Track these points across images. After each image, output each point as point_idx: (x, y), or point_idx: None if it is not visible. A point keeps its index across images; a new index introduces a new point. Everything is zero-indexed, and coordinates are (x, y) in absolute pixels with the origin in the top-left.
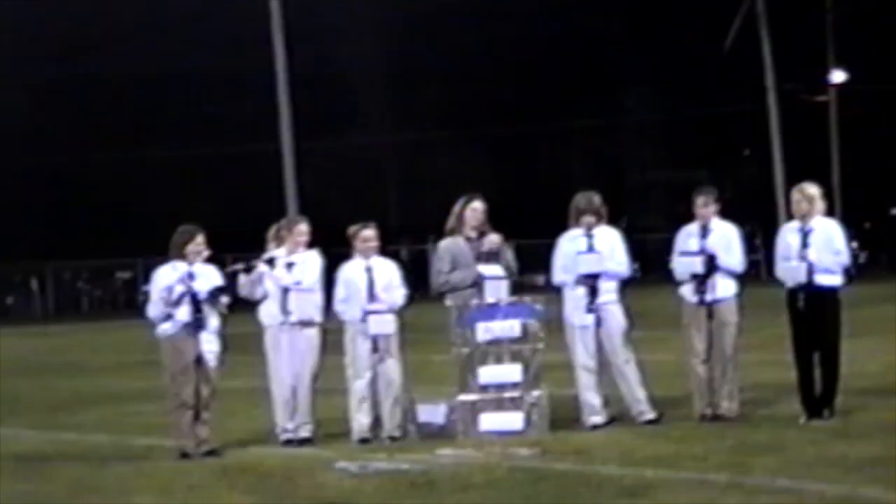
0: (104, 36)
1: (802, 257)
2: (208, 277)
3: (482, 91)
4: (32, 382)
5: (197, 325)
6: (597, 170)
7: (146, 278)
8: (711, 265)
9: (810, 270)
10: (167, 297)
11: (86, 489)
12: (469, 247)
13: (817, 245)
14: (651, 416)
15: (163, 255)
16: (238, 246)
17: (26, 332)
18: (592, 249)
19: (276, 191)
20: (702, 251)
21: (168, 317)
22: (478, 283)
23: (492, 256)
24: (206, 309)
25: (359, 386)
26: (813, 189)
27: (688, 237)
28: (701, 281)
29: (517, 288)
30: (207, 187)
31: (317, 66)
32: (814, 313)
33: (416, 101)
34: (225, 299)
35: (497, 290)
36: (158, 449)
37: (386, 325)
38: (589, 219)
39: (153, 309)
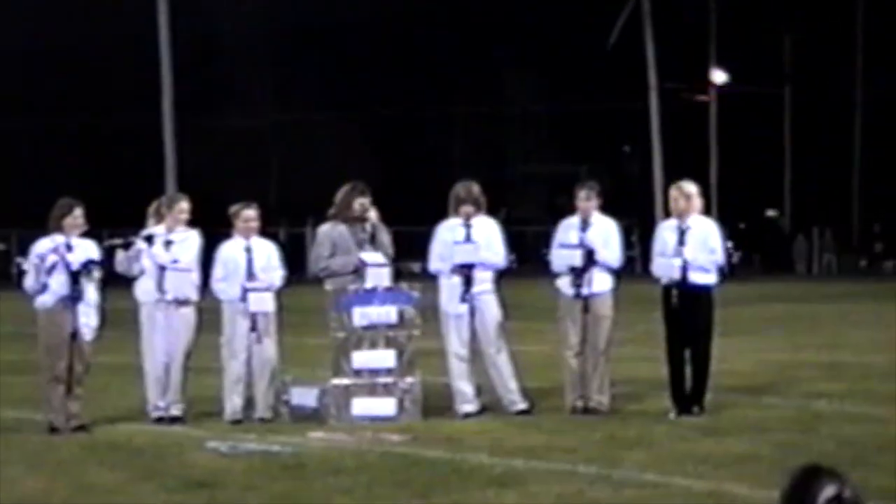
0: None
1: (678, 254)
2: (85, 250)
3: (364, 73)
4: None
5: (74, 297)
6: (478, 158)
7: (21, 250)
8: (589, 259)
9: (685, 268)
10: (39, 265)
11: None
12: (350, 232)
13: (693, 243)
14: (522, 406)
15: (38, 227)
16: (116, 221)
17: None
18: (470, 239)
19: (155, 167)
20: (581, 244)
21: (43, 288)
22: (358, 270)
23: (371, 241)
24: (83, 281)
25: (234, 366)
26: (691, 187)
27: (568, 229)
28: (578, 274)
29: (395, 275)
30: (86, 160)
31: (202, 44)
32: (687, 310)
33: (298, 82)
34: (97, 273)
35: (379, 277)
36: (28, 422)
37: (265, 302)
38: (468, 208)
39: (28, 279)
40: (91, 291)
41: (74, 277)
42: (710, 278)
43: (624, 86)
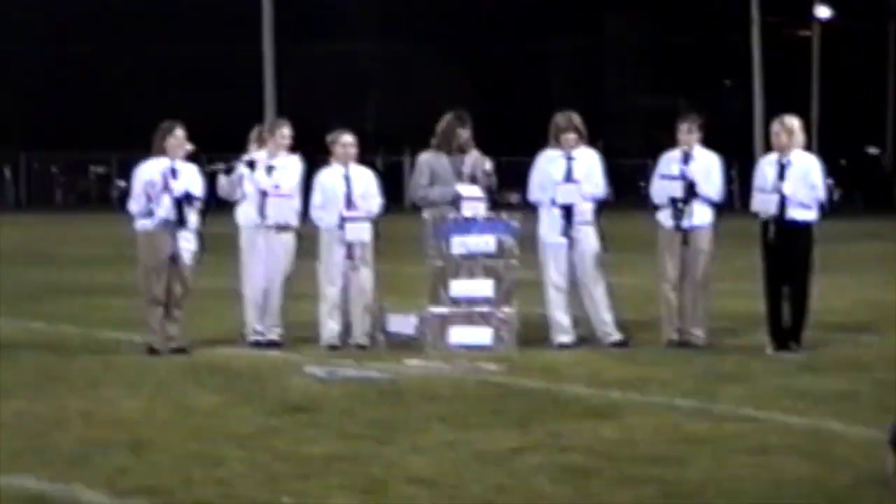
0: None
1: (777, 190)
2: (189, 176)
3: (465, 6)
4: (3, 271)
5: (178, 221)
6: (576, 91)
7: (120, 173)
8: (690, 191)
9: (783, 203)
10: (150, 192)
11: (53, 378)
12: (450, 162)
13: (794, 178)
14: (617, 338)
15: (138, 150)
16: (216, 146)
17: None
18: (571, 177)
19: (255, 93)
20: (682, 176)
21: (149, 212)
22: (455, 202)
23: (472, 176)
24: (185, 207)
25: (331, 292)
26: (793, 121)
27: (669, 162)
28: (678, 206)
29: (493, 205)
30: (186, 86)
31: None
32: (786, 246)
33: (400, 12)
34: (197, 204)
35: (474, 210)
36: (127, 343)
37: (362, 231)
38: (569, 136)
39: (135, 204)
40: (192, 216)
41: (178, 203)
42: (809, 214)
43: (725, 19)
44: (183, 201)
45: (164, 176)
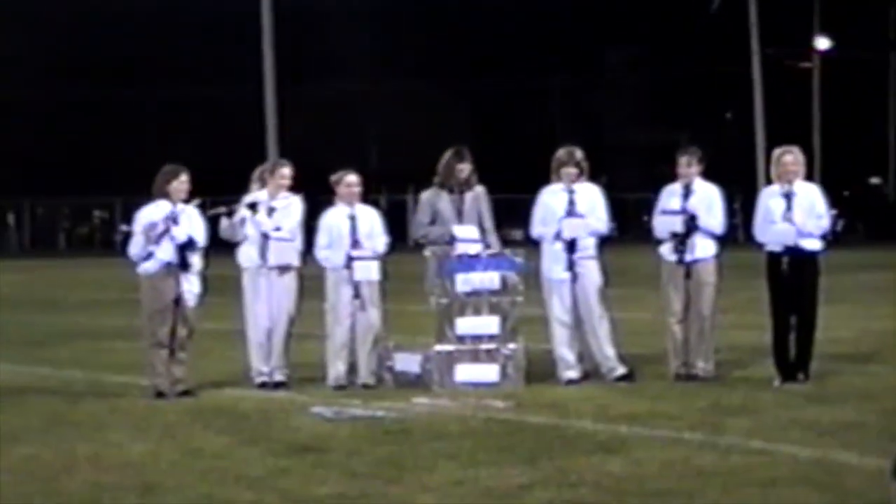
0: None
1: (788, 220)
2: (190, 220)
3: (464, 43)
4: (8, 317)
5: (180, 264)
6: (577, 127)
7: (124, 217)
8: (692, 225)
9: (796, 234)
10: (149, 234)
11: (60, 423)
12: (451, 200)
13: (800, 209)
14: (621, 371)
15: (141, 195)
16: (218, 189)
17: (1, 267)
18: (574, 210)
19: (256, 135)
20: (683, 210)
21: (149, 255)
22: (451, 242)
23: (477, 213)
24: (188, 252)
25: (339, 332)
26: (796, 152)
27: (670, 196)
28: (681, 240)
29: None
30: (189, 129)
31: (304, 12)
32: (794, 277)
33: (399, 49)
34: (199, 250)
35: (469, 251)
36: (133, 387)
37: (370, 271)
38: (570, 170)
39: (134, 246)
40: (195, 259)
41: (180, 248)
42: (816, 244)
43: (726, 52)
44: (185, 247)
45: (166, 221)
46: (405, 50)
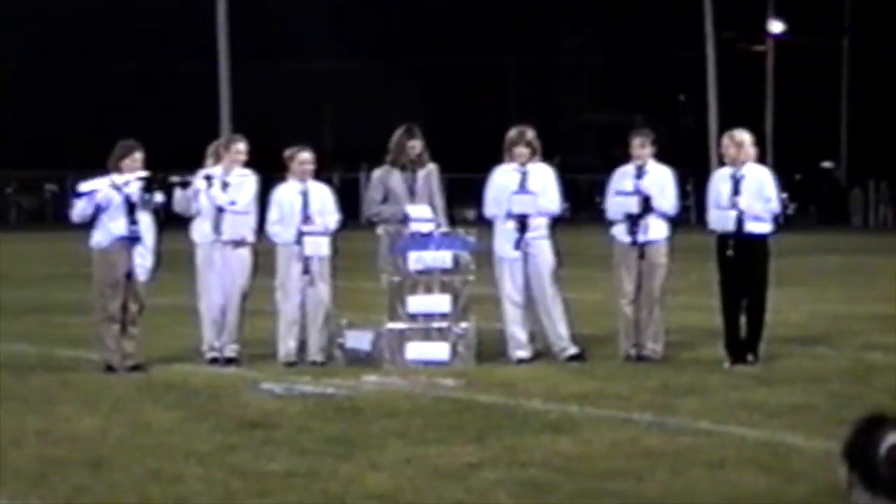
0: None
1: (733, 204)
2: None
3: (421, 22)
4: None
5: (132, 237)
6: (533, 108)
7: (75, 191)
8: (646, 206)
9: (740, 218)
10: (92, 195)
11: (9, 397)
12: (403, 178)
13: (748, 192)
14: (573, 351)
15: (94, 169)
16: (172, 164)
17: None
18: (525, 187)
19: (211, 111)
20: (636, 191)
21: (92, 225)
22: (405, 221)
23: (428, 191)
24: (142, 219)
25: (288, 309)
26: (743, 135)
27: (623, 177)
28: (634, 221)
29: (450, 221)
30: (144, 105)
31: None
32: (742, 260)
33: (355, 28)
34: (158, 196)
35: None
36: (84, 361)
37: (320, 247)
38: (521, 150)
39: (78, 206)
40: (147, 231)
41: (132, 216)
42: (765, 227)
43: (680, 35)
44: (140, 199)
45: (116, 187)
46: (361, 28)
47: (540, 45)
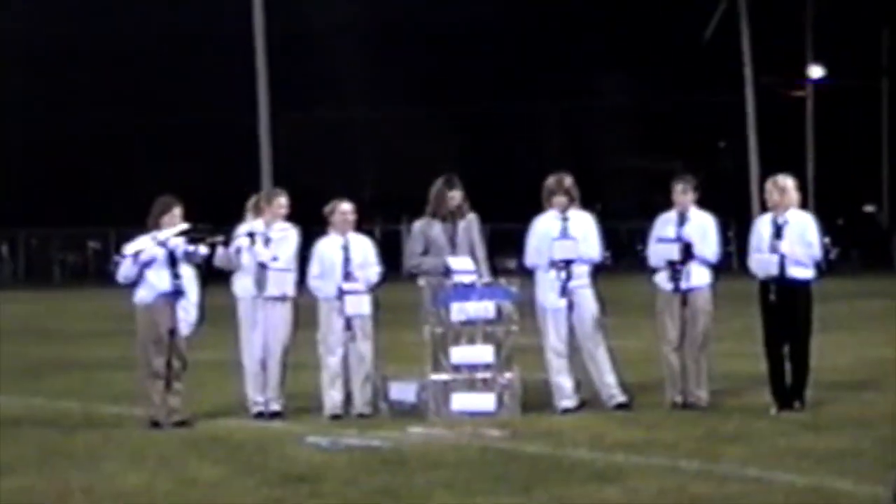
0: (79, 3)
1: (774, 249)
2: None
3: (458, 70)
4: (2, 348)
5: (174, 292)
6: (571, 154)
7: (118, 248)
8: (687, 253)
9: (782, 263)
10: (137, 256)
11: (56, 454)
12: (443, 229)
13: (791, 237)
14: (621, 399)
15: (135, 225)
16: (212, 218)
17: None
18: (567, 234)
19: (251, 163)
20: (678, 238)
21: (136, 282)
22: (447, 273)
23: (469, 242)
24: (185, 274)
25: (332, 362)
26: (786, 181)
27: (665, 224)
28: (676, 269)
29: (492, 271)
30: (182, 158)
31: (297, 40)
32: (785, 306)
33: (392, 77)
34: (203, 249)
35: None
36: (128, 417)
37: (361, 305)
38: (560, 199)
39: (122, 269)
40: (191, 286)
41: (175, 271)
42: (807, 273)
43: (719, 81)
44: (185, 256)
45: (159, 243)
46: (398, 76)
47: (577, 89)
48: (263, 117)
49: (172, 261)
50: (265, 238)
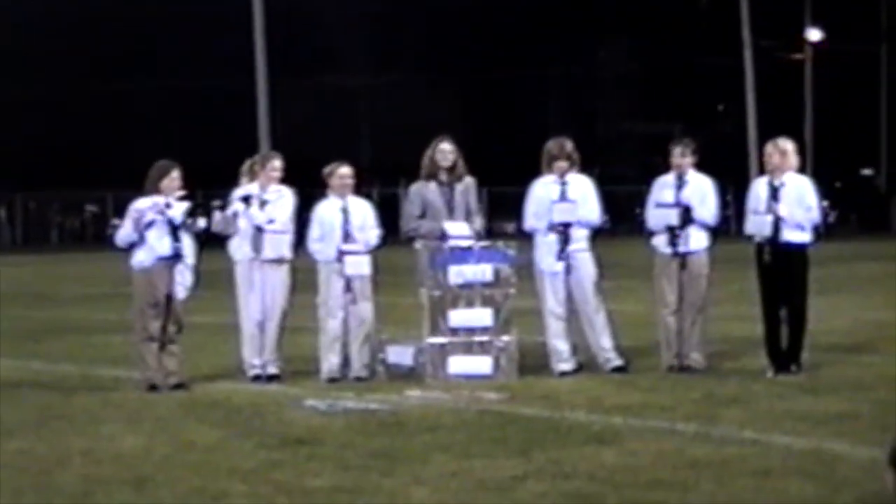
0: None
1: (771, 211)
2: (183, 208)
3: (459, 36)
4: (1, 311)
5: (174, 255)
6: (571, 119)
7: (116, 211)
8: (686, 217)
9: (777, 224)
10: (138, 219)
11: (54, 417)
12: (440, 192)
13: (788, 200)
14: (618, 363)
15: (133, 188)
16: (209, 181)
17: None
18: (566, 197)
19: (248, 127)
20: (677, 203)
21: (141, 240)
22: (443, 237)
23: (465, 205)
24: (182, 237)
25: (332, 326)
26: (787, 143)
27: (663, 188)
28: (674, 232)
29: (488, 234)
30: (180, 121)
31: (295, 4)
32: (781, 268)
33: (393, 44)
34: (202, 222)
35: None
36: (126, 380)
37: (361, 265)
38: (561, 164)
39: (122, 232)
40: (188, 250)
41: (175, 235)
42: (804, 236)
43: (717, 44)
44: (185, 222)
45: (159, 210)
46: (398, 43)
47: (577, 55)
48: (261, 81)
49: (173, 226)
50: (261, 201)
